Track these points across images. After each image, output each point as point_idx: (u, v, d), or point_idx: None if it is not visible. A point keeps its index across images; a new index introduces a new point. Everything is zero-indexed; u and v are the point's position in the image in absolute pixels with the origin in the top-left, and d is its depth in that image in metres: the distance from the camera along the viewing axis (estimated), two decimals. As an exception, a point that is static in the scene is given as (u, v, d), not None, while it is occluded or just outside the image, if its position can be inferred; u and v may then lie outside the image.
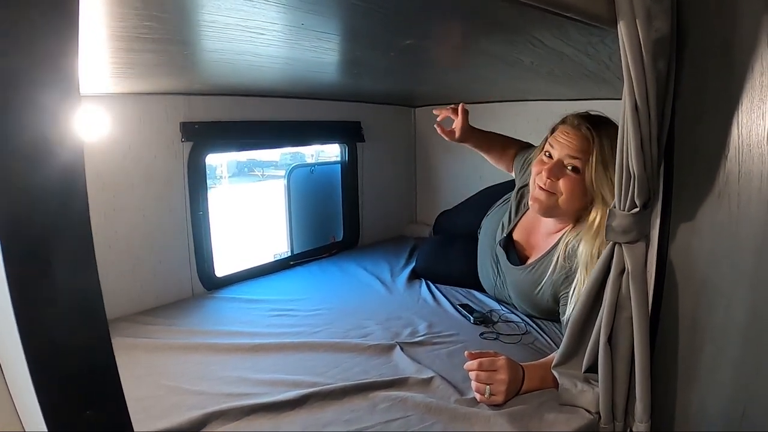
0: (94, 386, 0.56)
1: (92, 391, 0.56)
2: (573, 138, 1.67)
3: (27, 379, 0.51)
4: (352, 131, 3.01)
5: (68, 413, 0.53)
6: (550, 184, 1.70)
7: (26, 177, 0.50)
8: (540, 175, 1.73)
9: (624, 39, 1.03)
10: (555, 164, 1.69)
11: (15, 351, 0.52)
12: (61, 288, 0.53)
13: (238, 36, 1.13)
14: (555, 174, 1.69)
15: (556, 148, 1.71)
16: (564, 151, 1.68)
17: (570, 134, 1.68)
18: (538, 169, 1.75)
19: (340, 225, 3.11)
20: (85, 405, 0.54)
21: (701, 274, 1.20)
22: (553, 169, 1.69)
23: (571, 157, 1.66)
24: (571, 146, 1.66)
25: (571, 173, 1.68)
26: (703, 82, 1.14)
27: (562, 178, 1.69)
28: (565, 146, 1.68)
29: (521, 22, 1.09)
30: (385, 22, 1.10)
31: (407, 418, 1.29)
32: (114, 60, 1.35)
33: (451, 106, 2.10)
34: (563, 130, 1.72)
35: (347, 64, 1.75)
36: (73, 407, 0.54)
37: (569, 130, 1.69)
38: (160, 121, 2.07)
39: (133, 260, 2.04)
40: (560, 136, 1.71)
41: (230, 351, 1.67)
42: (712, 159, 1.13)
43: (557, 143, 1.70)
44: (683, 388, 1.26)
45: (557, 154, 1.70)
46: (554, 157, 1.71)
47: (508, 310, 2.01)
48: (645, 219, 1.20)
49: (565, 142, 1.68)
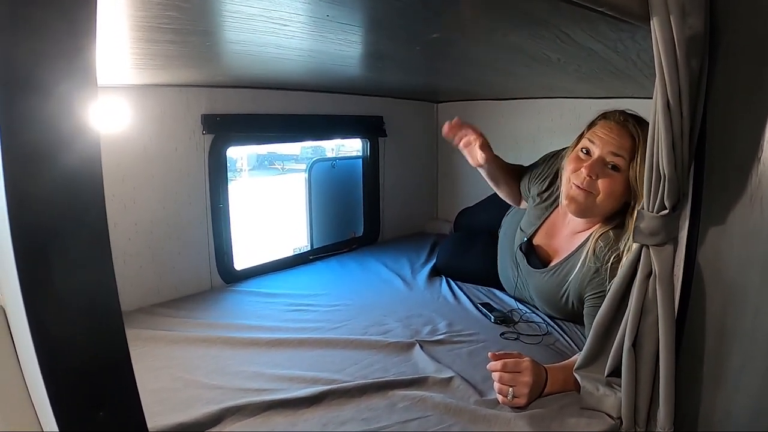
0: (107, 385, 0.55)
1: (106, 389, 0.55)
2: (617, 134, 1.59)
3: (39, 378, 0.50)
4: (373, 126, 2.99)
5: (80, 412, 0.52)
6: (589, 182, 1.60)
7: (41, 171, 0.49)
8: (578, 172, 1.64)
9: (657, 36, 1.00)
10: (596, 161, 1.60)
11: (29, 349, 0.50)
12: (75, 284, 0.52)
13: (262, 27, 1.12)
14: (596, 171, 1.60)
15: (597, 143, 1.62)
16: (607, 147, 1.59)
17: (614, 129, 1.60)
18: (575, 167, 1.66)
19: (360, 220, 3.10)
20: (98, 404, 0.53)
21: (730, 280, 1.16)
22: (594, 166, 1.60)
23: (614, 154, 1.58)
24: (615, 143, 1.58)
25: (611, 171, 1.60)
26: (735, 82, 1.10)
27: (602, 176, 1.60)
28: (608, 142, 1.59)
29: (551, 15, 1.06)
30: (412, 14, 1.08)
31: (426, 419, 1.28)
32: (135, 51, 1.35)
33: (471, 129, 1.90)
34: (605, 125, 1.63)
35: (371, 58, 1.73)
36: (86, 406, 0.52)
37: (612, 125, 1.61)
38: (181, 113, 2.07)
39: (153, 252, 2.05)
40: (602, 131, 1.62)
41: (248, 345, 1.67)
42: (744, 161, 1.09)
43: (599, 139, 1.62)
44: (708, 395, 1.23)
45: (598, 150, 1.61)
46: (594, 154, 1.62)
47: (529, 309, 1.99)
48: (674, 221, 1.17)
49: (607, 138, 1.60)
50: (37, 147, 0.48)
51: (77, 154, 0.50)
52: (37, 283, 0.49)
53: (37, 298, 0.49)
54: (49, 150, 0.49)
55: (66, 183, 0.50)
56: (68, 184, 0.50)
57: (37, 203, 0.49)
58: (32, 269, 0.49)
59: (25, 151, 0.48)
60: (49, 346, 0.50)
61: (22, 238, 0.48)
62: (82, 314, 0.52)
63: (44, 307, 0.50)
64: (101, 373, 0.54)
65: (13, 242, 0.47)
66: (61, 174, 0.50)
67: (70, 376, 0.52)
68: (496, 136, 3.05)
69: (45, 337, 0.49)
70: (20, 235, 0.47)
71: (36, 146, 0.48)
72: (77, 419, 0.52)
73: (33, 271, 0.49)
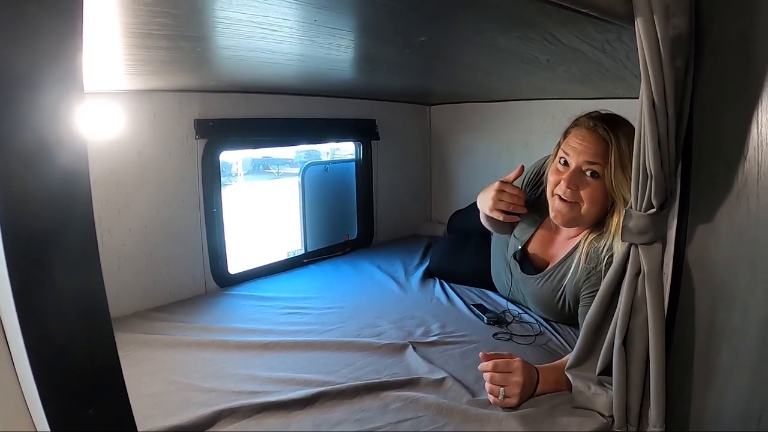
0: (96, 385, 0.55)
1: (95, 390, 0.55)
2: (589, 142, 1.58)
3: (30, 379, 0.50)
4: (366, 129, 3.00)
5: (71, 412, 0.53)
6: (571, 193, 1.61)
7: (27, 178, 0.50)
8: (559, 185, 1.64)
9: (641, 36, 1.00)
10: (573, 172, 1.60)
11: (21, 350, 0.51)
12: (64, 289, 0.52)
13: (251, 32, 1.13)
14: (575, 183, 1.60)
15: (571, 154, 1.61)
16: (581, 157, 1.59)
17: (585, 138, 1.59)
18: (555, 179, 1.66)
19: (354, 223, 3.11)
20: (87, 404, 0.54)
21: (719, 277, 1.17)
22: (573, 177, 1.60)
23: (590, 162, 1.58)
24: (588, 151, 1.58)
25: (591, 179, 1.59)
26: (721, 80, 1.11)
27: (582, 186, 1.61)
28: (582, 152, 1.59)
29: (537, 17, 1.07)
30: (398, 19, 1.09)
31: (418, 419, 1.28)
32: (127, 56, 1.35)
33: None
34: (577, 134, 1.63)
35: (361, 61, 1.74)
36: (76, 406, 0.53)
37: (584, 133, 1.61)
38: (174, 118, 2.08)
39: (147, 257, 2.05)
40: (575, 140, 1.62)
41: (242, 348, 1.68)
42: (731, 159, 1.10)
43: (572, 149, 1.62)
44: (698, 393, 1.23)
45: (574, 161, 1.61)
46: (571, 165, 1.62)
47: (522, 310, 1.99)
48: (662, 220, 1.18)
49: (580, 147, 1.59)
50: (23, 156, 0.49)
51: (64, 162, 0.51)
52: (28, 285, 0.50)
53: (28, 299, 0.50)
54: (34, 159, 0.50)
55: (53, 191, 0.51)
56: (55, 193, 0.51)
57: (25, 211, 0.49)
58: (23, 272, 0.49)
59: (10, 159, 0.48)
60: (40, 347, 0.50)
61: (13, 242, 0.48)
62: (72, 315, 0.53)
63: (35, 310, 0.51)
64: (91, 372, 0.55)
65: (4, 246, 0.48)
66: (48, 182, 0.51)
67: (60, 374, 0.52)
68: (488, 139, 3.08)
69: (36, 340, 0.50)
70: (11, 239, 0.48)
71: (21, 155, 0.49)
72: (67, 417, 0.52)
73: (24, 274, 0.49)
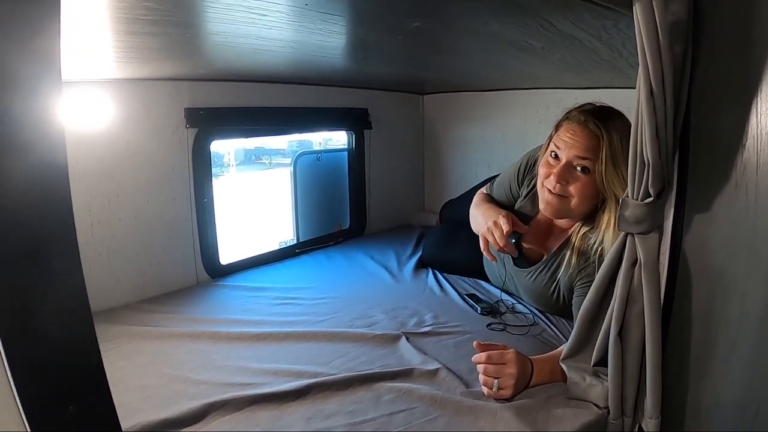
0: (77, 382, 0.54)
1: (76, 387, 0.54)
2: (580, 136, 1.57)
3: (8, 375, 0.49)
4: (359, 118, 2.98)
5: (50, 409, 0.51)
6: (560, 188, 1.61)
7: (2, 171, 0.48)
8: (549, 179, 1.64)
9: (639, 21, 0.99)
10: (564, 167, 1.60)
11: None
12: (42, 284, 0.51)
13: (240, 17, 1.10)
14: (565, 177, 1.60)
15: (562, 148, 1.61)
16: (572, 151, 1.58)
17: (576, 132, 1.58)
18: (545, 172, 1.66)
19: (346, 213, 3.09)
20: (67, 401, 0.52)
21: (716, 266, 1.16)
22: (563, 172, 1.60)
23: (580, 157, 1.57)
24: (579, 146, 1.57)
25: (581, 174, 1.59)
26: (720, 68, 1.10)
27: (572, 180, 1.61)
28: (573, 146, 1.58)
29: (533, 2, 1.05)
30: (390, 3, 1.07)
31: (412, 410, 1.27)
32: (116, 44, 1.33)
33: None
34: (568, 128, 1.62)
35: (353, 48, 1.71)
36: (56, 403, 0.52)
37: (575, 127, 1.59)
38: (164, 107, 2.05)
39: (137, 247, 2.03)
40: (566, 134, 1.61)
41: (233, 340, 1.66)
42: (729, 147, 1.08)
43: (563, 143, 1.61)
44: (695, 384, 1.23)
45: (565, 155, 1.60)
46: (561, 159, 1.61)
47: (516, 300, 1.99)
48: (659, 209, 1.17)
49: (571, 141, 1.58)
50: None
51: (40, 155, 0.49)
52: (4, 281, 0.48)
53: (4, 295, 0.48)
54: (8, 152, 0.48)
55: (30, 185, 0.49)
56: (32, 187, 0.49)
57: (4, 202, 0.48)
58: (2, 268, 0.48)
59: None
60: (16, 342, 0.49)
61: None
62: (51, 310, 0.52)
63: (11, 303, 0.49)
64: (71, 369, 0.53)
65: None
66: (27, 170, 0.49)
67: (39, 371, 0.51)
68: (482, 128, 3.06)
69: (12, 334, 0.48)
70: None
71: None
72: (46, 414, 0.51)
73: (3, 270, 0.48)
